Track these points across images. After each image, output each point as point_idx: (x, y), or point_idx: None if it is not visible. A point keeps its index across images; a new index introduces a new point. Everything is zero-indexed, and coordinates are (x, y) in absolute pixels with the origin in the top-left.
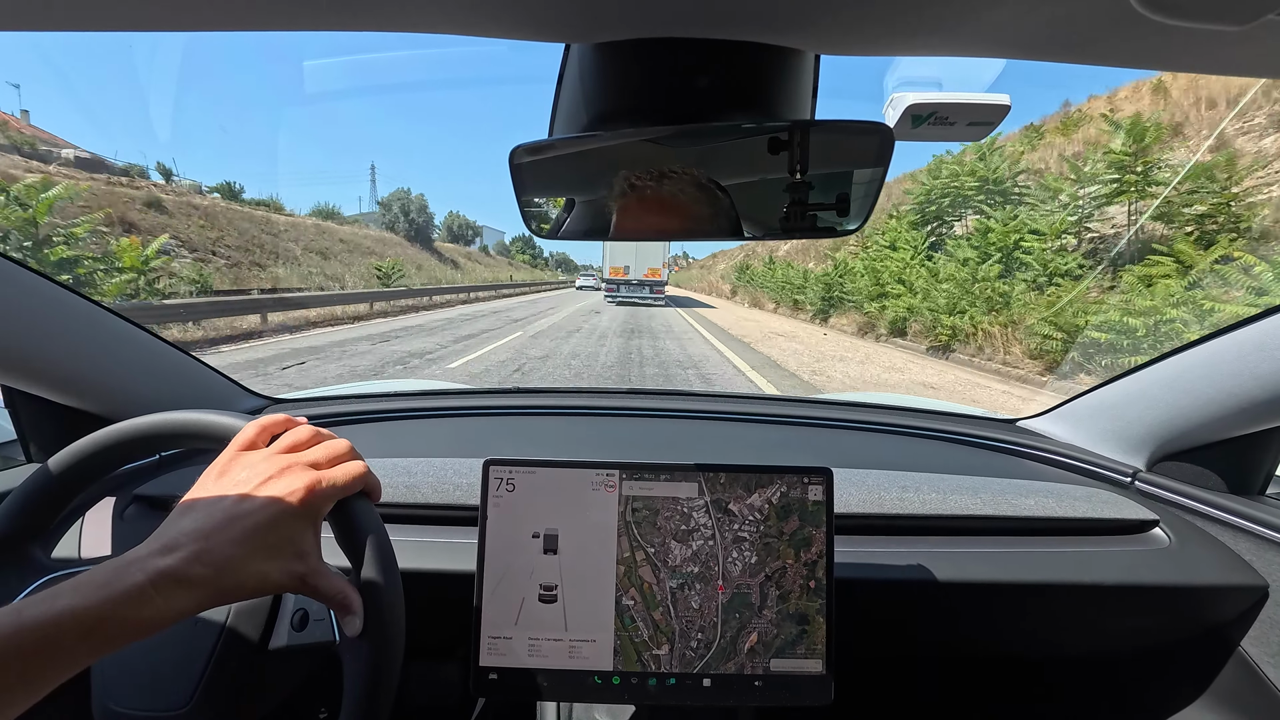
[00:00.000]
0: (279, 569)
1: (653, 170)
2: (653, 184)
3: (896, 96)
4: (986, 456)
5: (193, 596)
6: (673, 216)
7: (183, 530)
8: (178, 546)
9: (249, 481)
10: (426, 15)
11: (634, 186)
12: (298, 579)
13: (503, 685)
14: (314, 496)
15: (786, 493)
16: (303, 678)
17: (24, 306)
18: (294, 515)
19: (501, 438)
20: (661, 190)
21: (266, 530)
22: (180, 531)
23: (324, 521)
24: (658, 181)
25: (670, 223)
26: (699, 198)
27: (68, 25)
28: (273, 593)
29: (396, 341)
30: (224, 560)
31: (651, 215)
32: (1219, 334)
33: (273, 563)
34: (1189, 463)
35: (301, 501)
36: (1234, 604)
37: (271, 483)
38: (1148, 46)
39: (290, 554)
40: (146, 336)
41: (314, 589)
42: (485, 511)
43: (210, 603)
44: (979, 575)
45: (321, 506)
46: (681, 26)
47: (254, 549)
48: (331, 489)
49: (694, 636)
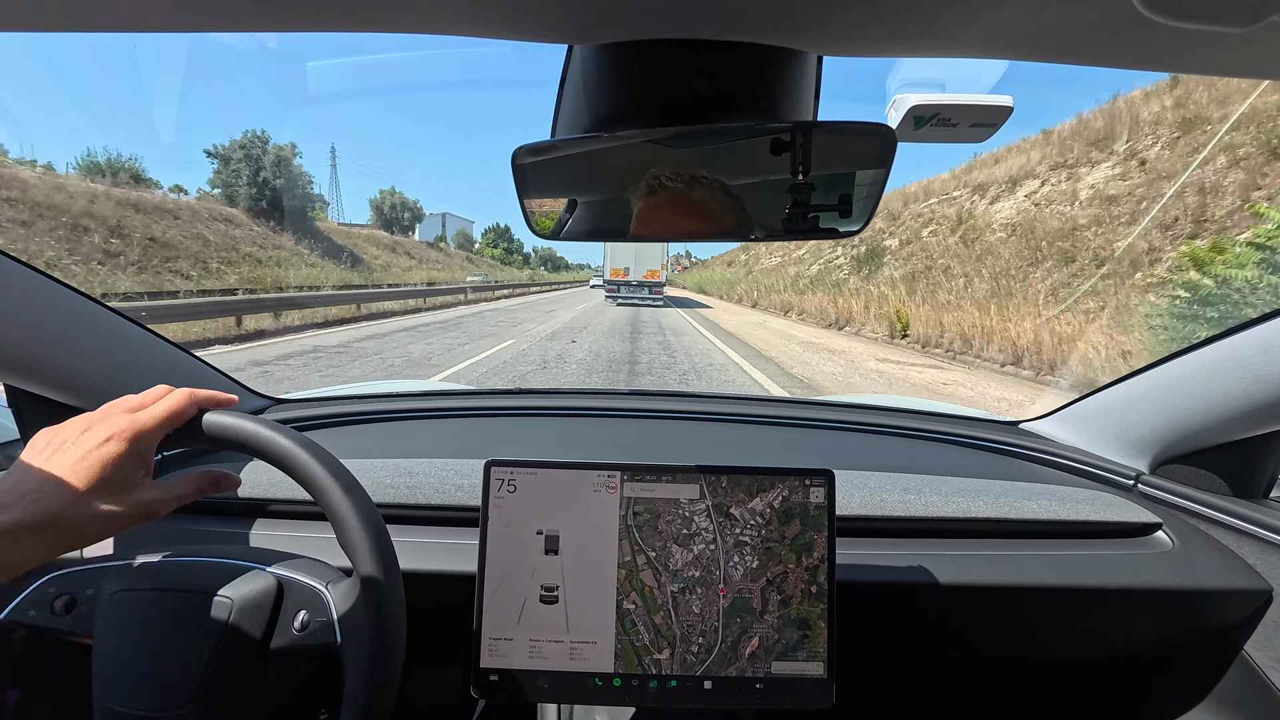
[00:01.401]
0: (116, 503)
1: (684, 173)
2: (683, 186)
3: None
4: (989, 459)
5: (42, 541)
6: (693, 219)
7: (9, 488)
8: (9, 504)
9: (71, 435)
10: (429, 16)
11: (663, 186)
12: (141, 508)
13: (503, 687)
14: (133, 431)
15: (788, 497)
16: (303, 679)
17: (27, 305)
18: (117, 453)
19: (503, 439)
20: (691, 195)
21: (91, 471)
22: (7, 490)
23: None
24: (689, 185)
25: (689, 225)
26: (727, 204)
27: (68, 26)
28: (124, 527)
29: None
30: (57, 506)
31: (674, 217)
32: (1222, 336)
33: (109, 499)
34: (1192, 466)
35: (121, 438)
36: (1237, 607)
37: (91, 431)
38: (1150, 48)
39: (122, 488)
40: (149, 336)
41: (160, 508)
42: (486, 512)
43: (62, 547)
44: (981, 578)
45: (144, 438)
46: (684, 28)
47: (86, 491)
48: (150, 419)
49: (695, 641)
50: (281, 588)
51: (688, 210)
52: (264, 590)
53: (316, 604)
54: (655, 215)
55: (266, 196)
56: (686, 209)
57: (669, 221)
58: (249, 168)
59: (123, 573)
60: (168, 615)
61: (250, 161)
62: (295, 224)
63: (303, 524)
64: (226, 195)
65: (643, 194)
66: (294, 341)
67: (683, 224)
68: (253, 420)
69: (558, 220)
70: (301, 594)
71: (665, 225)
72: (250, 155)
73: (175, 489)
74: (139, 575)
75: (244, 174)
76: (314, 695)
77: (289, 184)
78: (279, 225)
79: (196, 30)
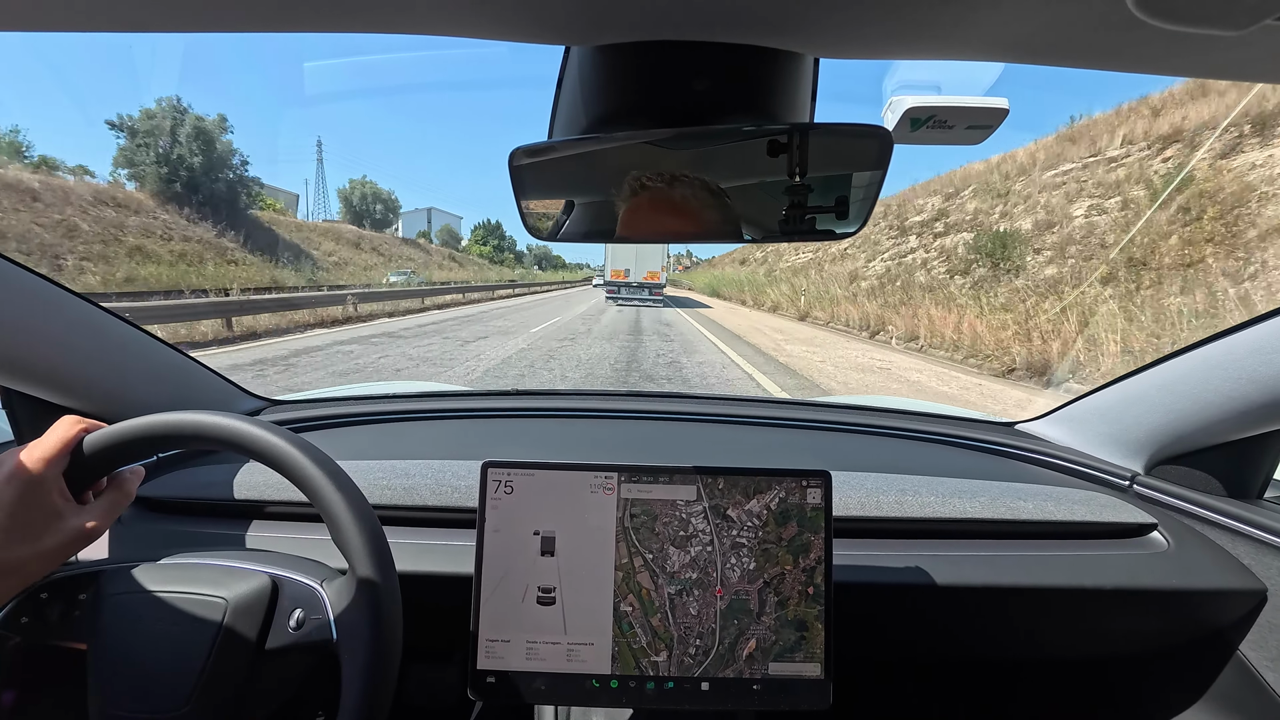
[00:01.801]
0: (46, 537)
1: (664, 173)
2: (664, 185)
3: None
4: (985, 460)
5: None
6: (679, 219)
7: None
8: None
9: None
10: (426, 17)
11: (644, 187)
12: (74, 533)
13: (500, 688)
14: (23, 468)
15: (785, 498)
16: (300, 679)
17: (22, 307)
18: (21, 494)
19: (500, 440)
20: (673, 193)
21: (8, 518)
22: None
23: None
24: (669, 184)
25: (676, 225)
26: (710, 202)
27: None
28: (66, 555)
29: None
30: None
31: (659, 217)
32: (1216, 338)
33: (35, 537)
34: (1187, 466)
35: (16, 479)
36: (1232, 608)
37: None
38: (1145, 51)
39: (44, 521)
40: (144, 337)
41: (95, 529)
42: (483, 514)
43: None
44: (977, 579)
45: (39, 472)
46: (681, 29)
47: (10, 538)
48: (40, 451)
49: (692, 643)
50: (276, 587)
51: (670, 209)
52: (258, 590)
53: (312, 602)
54: (639, 216)
55: (182, 178)
56: (669, 208)
57: (654, 221)
58: (161, 142)
59: (118, 576)
60: (163, 618)
61: (161, 135)
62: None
63: (299, 525)
64: (134, 176)
65: (626, 196)
66: None
67: (668, 223)
68: (249, 422)
69: (555, 221)
70: (296, 593)
71: (651, 225)
72: (160, 129)
73: (102, 504)
74: (134, 578)
75: (153, 150)
76: (311, 695)
77: (212, 163)
78: (199, 213)
79: (195, 30)
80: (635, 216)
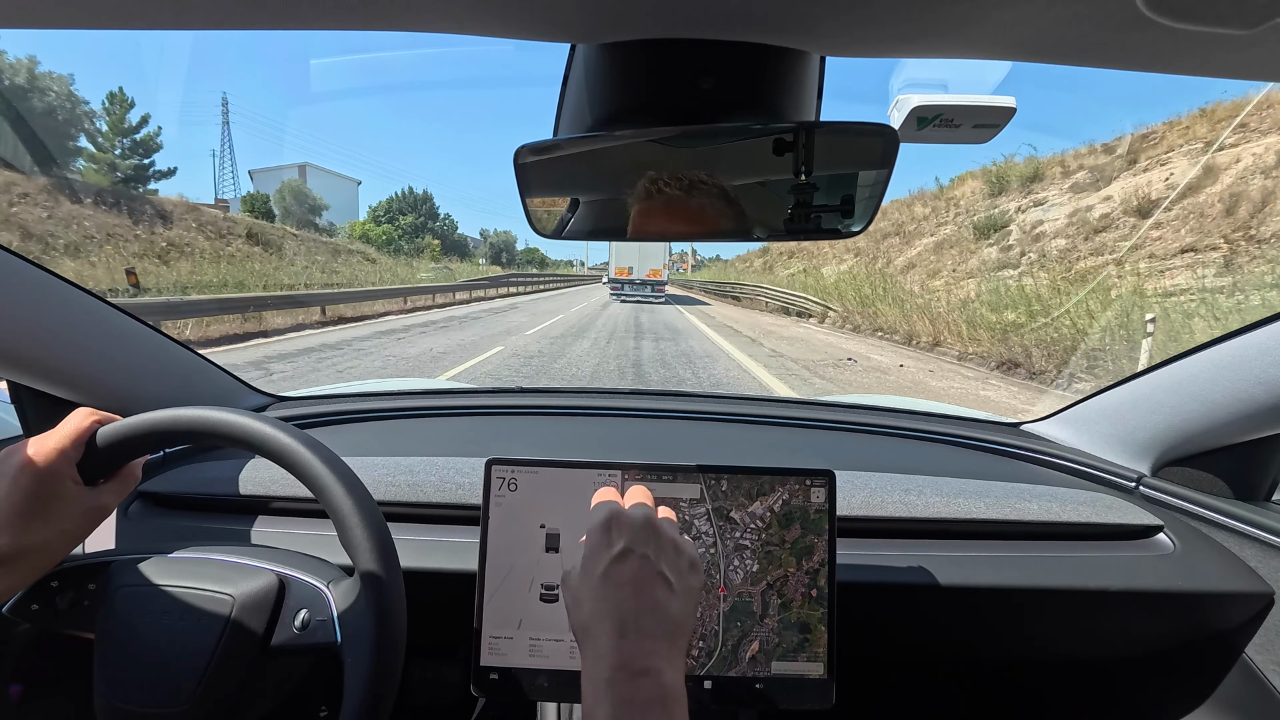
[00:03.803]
0: (62, 520)
1: (681, 177)
2: (680, 192)
3: (902, 98)
4: (990, 460)
5: (14, 571)
6: (689, 220)
7: None
8: None
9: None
10: (432, 15)
11: (660, 191)
12: (89, 514)
13: (503, 685)
14: (39, 458)
15: (788, 500)
16: (304, 676)
17: (30, 302)
18: (39, 481)
19: (504, 437)
20: (689, 200)
21: (22, 503)
22: None
23: None
24: (686, 191)
25: (685, 226)
26: (723, 206)
27: (69, 23)
28: (83, 535)
29: None
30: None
31: (671, 218)
32: (1224, 339)
33: (52, 520)
34: (1194, 468)
35: (34, 466)
36: (1239, 610)
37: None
38: (1154, 50)
39: (59, 505)
40: (151, 333)
41: (104, 509)
42: (487, 511)
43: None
44: (982, 579)
45: (51, 462)
46: (687, 27)
47: (25, 525)
48: (54, 442)
49: (695, 645)
50: (283, 586)
51: (684, 215)
52: (265, 588)
53: (317, 603)
54: (652, 218)
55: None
56: (683, 214)
57: (665, 222)
58: None
59: (127, 568)
60: (170, 611)
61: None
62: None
63: (304, 521)
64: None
65: (640, 196)
66: None
67: (678, 224)
68: (255, 418)
69: (560, 219)
70: (302, 593)
71: (661, 225)
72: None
73: (113, 484)
74: (141, 571)
75: None
76: (314, 692)
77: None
78: None
79: (199, 28)
80: (647, 217)
